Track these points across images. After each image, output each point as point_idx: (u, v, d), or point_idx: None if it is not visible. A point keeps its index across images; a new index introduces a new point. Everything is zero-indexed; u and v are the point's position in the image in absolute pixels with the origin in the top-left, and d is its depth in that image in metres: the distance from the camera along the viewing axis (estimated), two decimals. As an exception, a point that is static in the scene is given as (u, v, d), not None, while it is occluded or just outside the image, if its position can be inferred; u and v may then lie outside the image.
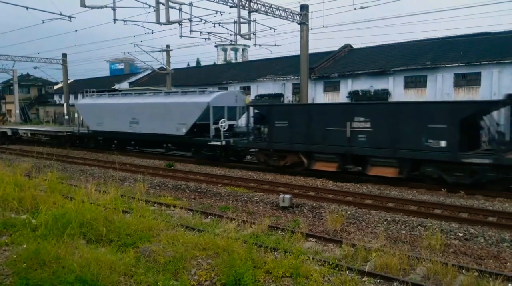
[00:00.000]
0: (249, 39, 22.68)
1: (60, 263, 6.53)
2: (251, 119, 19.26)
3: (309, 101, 31.82)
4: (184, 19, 22.65)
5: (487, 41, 30.45)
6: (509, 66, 26.75)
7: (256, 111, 19.20)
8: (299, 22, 23.78)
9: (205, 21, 23.81)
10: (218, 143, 19.55)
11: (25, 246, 7.48)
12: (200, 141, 20.62)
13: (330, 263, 7.10)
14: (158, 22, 21.10)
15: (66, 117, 44.30)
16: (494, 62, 27.36)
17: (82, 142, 28.41)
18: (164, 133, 21.59)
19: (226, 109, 20.52)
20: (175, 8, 21.74)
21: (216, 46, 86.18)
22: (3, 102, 58.63)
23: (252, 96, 42.59)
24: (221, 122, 19.46)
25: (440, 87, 29.01)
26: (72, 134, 28.75)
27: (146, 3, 21.74)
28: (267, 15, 22.53)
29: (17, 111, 54.87)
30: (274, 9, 22.69)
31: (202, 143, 20.45)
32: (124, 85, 55.46)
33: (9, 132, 33.87)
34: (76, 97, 61.26)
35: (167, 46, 36.15)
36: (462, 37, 33.34)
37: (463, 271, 7.11)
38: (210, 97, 20.35)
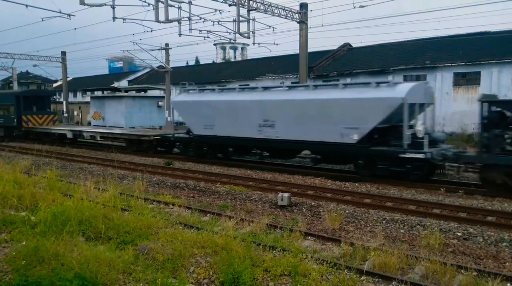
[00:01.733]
0: (248, 37, 22.65)
1: (59, 260, 6.54)
2: (483, 122, 13.16)
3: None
4: (183, 18, 22.63)
5: (486, 41, 30.49)
6: (508, 65, 26.80)
7: (493, 109, 13.17)
8: (298, 20, 23.77)
9: (204, 19, 23.80)
10: (420, 156, 13.78)
11: (24, 243, 7.47)
12: (383, 152, 14.90)
13: (329, 262, 7.10)
14: (157, 20, 21.08)
15: (66, 115, 44.25)
16: (494, 61, 27.41)
17: (174, 148, 23.55)
18: (319, 140, 16.13)
19: (417, 108, 14.74)
20: (174, 6, 21.72)
21: (215, 44, 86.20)
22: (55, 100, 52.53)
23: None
24: (418, 126, 14.40)
25: (440, 87, 29.05)
26: (163, 138, 23.12)
27: (145, 1, 21.75)
28: (266, 13, 22.51)
29: None
30: (273, 8, 22.67)
31: (386, 155, 14.81)
32: (123, 83, 55.50)
33: (70, 135, 28.73)
34: (75, 95, 61.30)
35: (166, 44, 36.08)
36: (462, 36, 33.40)
37: (462, 270, 7.13)
38: (403, 91, 14.46)
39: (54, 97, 37.32)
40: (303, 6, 23.80)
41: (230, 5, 21.15)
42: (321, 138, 16.01)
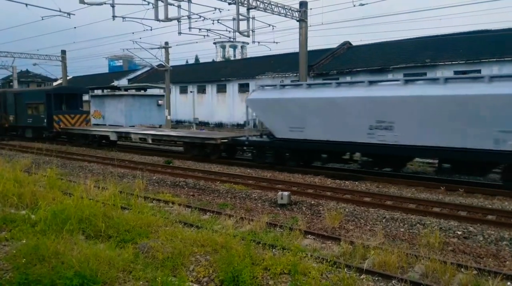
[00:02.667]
0: (248, 36, 22.63)
1: (59, 259, 6.54)
2: None
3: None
4: (183, 16, 22.60)
5: (487, 39, 30.46)
6: (509, 63, 26.77)
7: None
8: (298, 19, 23.75)
9: (204, 18, 23.75)
10: None
11: (24, 241, 7.49)
12: None
13: (329, 260, 7.10)
14: (156, 19, 21.06)
15: None
16: (494, 59, 27.39)
17: (239, 152, 20.84)
18: (458, 147, 13.07)
19: None
20: (173, 5, 21.70)
21: (214, 43, 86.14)
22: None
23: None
24: None
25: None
26: (234, 142, 19.73)
27: (145, 0, 21.70)
28: (266, 12, 22.48)
29: None
30: (273, 6, 22.64)
31: None
32: (123, 82, 55.47)
33: (113, 137, 25.19)
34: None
35: (166, 43, 36.09)
36: (462, 34, 33.34)
37: (462, 269, 7.13)
38: None
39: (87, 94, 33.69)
40: (303, 4, 23.77)
41: (229, 3, 21.11)
42: (460, 144, 13.03)
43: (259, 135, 19.23)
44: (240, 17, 21.14)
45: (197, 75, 51.11)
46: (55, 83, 66.07)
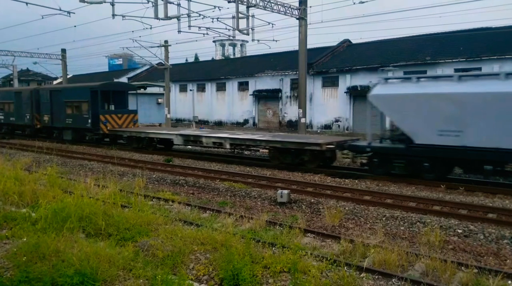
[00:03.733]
0: (247, 34, 22.62)
1: (59, 257, 6.55)
2: None
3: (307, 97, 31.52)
4: (182, 14, 22.61)
5: (487, 36, 30.46)
6: (509, 61, 26.75)
7: None
8: (297, 17, 23.72)
9: (203, 16, 23.77)
10: None
11: (25, 239, 7.50)
12: None
13: (328, 258, 7.10)
14: (156, 17, 21.07)
15: None
16: (495, 57, 27.37)
17: (369, 163, 15.64)
18: None
19: None
20: (173, 3, 21.73)
21: (214, 41, 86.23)
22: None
23: (250, 92, 42.62)
24: None
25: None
26: (350, 148, 16.42)
27: (145, -2, 21.68)
28: (265, 10, 22.45)
29: None
30: (272, 4, 22.62)
31: None
32: (123, 80, 55.41)
33: (178, 141, 21.56)
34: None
35: (166, 41, 36.07)
36: (462, 32, 33.33)
37: (462, 268, 7.14)
38: None
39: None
40: (302, 2, 23.73)
41: (229, 1, 21.08)
42: None
43: (379, 140, 15.69)
44: (240, 15, 21.11)
45: (196, 74, 51.11)
46: (55, 82, 66.06)
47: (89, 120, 25.55)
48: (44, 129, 30.30)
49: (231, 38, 27.08)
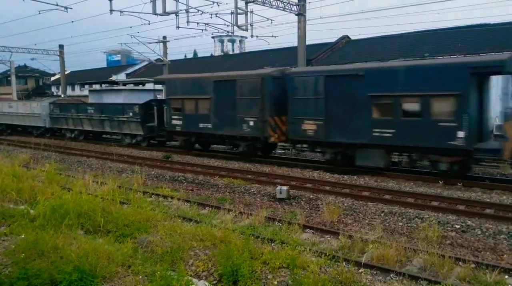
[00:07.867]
0: (246, 30, 22.57)
1: (58, 253, 6.55)
2: None
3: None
4: (181, 10, 22.51)
5: (486, 33, 30.39)
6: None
7: None
8: (296, 13, 23.64)
9: (202, 12, 23.66)
10: None
11: (23, 236, 7.50)
12: None
13: (327, 254, 7.13)
14: (154, 13, 20.99)
15: None
16: (493, 53, 27.31)
17: None
18: None
19: None
20: (171, -2, 21.61)
21: (213, 37, 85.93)
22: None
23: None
24: None
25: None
26: None
27: (143, -6, 21.61)
28: (264, 5, 22.36)
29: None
30: (271, 0, 22.55)
31: None
32: (121, 76, 55.24)
33: None
34: (73, 89, 61.07)
35: (164, 37, 35.99)
36: (461, 28, 33.24)
37: (460, 263, 7.17)
38: None
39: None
40: (301, -2, 23.65)
41: (228, -3, 21.04)
42: None
43: None
44: (239, 11, 21.07)
45: (195, 70, 50.92)
46: (52, 79, 65.88)
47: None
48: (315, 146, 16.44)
49: (230, 34, 27.03)
